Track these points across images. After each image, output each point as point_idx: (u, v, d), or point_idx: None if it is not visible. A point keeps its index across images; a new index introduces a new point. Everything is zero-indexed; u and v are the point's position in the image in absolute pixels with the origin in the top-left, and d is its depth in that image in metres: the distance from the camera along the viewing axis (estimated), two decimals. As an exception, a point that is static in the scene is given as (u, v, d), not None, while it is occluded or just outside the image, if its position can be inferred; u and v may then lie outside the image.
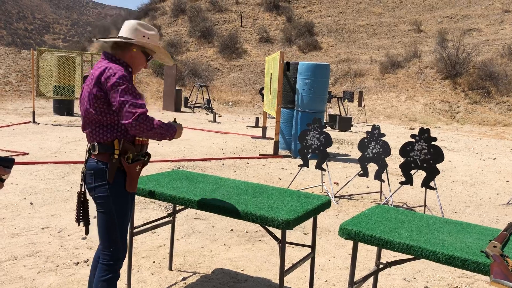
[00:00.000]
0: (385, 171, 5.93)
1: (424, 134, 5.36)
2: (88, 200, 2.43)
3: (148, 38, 2.42)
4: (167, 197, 2.83)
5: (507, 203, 6.33)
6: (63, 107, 14.16)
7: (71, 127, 11.64)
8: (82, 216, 2.43)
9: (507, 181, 7.89)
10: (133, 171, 2.35)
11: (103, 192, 2.30)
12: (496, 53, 21.45)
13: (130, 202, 2.42)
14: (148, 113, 2.42)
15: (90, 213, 2.49)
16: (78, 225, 2.44)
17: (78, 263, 3.59)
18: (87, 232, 2.44)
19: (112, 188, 2.30)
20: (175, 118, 2.58)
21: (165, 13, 37.31)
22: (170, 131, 2.31)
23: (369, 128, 6.09)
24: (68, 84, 13.91)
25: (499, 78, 19.64)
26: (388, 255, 4.02)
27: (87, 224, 2.43)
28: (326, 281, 3.52)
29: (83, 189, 2.40)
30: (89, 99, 2.26)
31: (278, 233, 2.63)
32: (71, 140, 9.46)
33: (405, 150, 5.49)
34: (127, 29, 2.40)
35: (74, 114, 14.47)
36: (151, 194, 2.89)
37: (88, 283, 2.52)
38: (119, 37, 2.40)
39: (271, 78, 10.26)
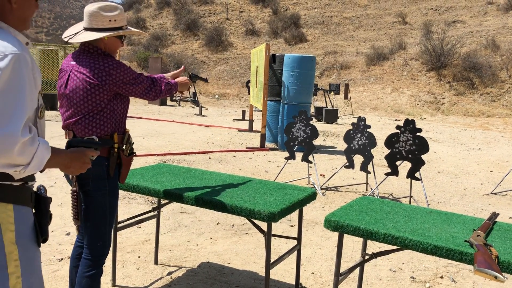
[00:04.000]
0: (371, 163, 5.95)
1: (409, 125, 5.39)
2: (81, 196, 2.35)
3: (115, 20, 2.27)
4: (151, 191, 2.79)
5: (491, 193, 6.41)
6: (46, 102, 13.93)
7: (54, 121, 11.48)
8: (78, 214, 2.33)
9: (491, 171, 7.99)
10: (129, 163, 2.39)
11: (102, 186, 2.27)
12: (480, 45, 21.65)
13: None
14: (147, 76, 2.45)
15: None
16: (79, 222, 2.33)
17: (62, 259, 3.54)
18: (79, 231, 2.37)
19: (110, 182, 2.30)
20: (187, 72, 2.68)
21: (150, 6, 36.93)
22: (175, 86, 2.51)
23: (355, 120, 6.11)
24: (51, 78, 13.69)
25: (483, 69, 19.84)
26: (374, 246, 4.04)
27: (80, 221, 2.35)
28: (312, 273, 3.53)
29: (76, 187, 2.30)
30: (87, 90, 2.19)
31: (264, 226, 2.61)
32: (54, 135, 9.33)
33: (390, 141, 5.51)
34: (90, 17, 2.25)
35: (58, 109, 14.28)
36: (135, 188, 2.85)
37: (69, 281, 2.47)
38: (85, 29, 2.27)
39: (257, 71, 10.22)
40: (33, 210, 1.59)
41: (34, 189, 1.63)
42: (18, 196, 1.50)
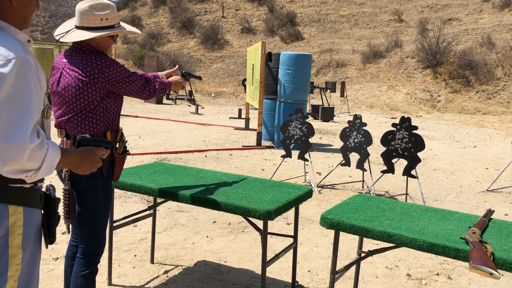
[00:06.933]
0: (367, 160, 5.96)
1: (405, 123, 5.39)
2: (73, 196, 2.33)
3: (107, 19, 2.23)
4: (147, 189, 2.78)
5: (487, 190, 6.43)
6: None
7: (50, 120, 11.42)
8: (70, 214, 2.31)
9: (486, 168, 8.02)
10: (122, 162, 2.38)
11: (95, 185, 2.25)
12: (475, 42, 21.71)
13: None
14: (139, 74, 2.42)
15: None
16: (69, 222, 2.30)
17: (57, 258, 3.53)
18: (69, 231, 2.36)
19: (103, 180, 2.28)
20: (180, 70, 2.69)
21: (146, 4, 36.82)
22: (168, 85, 2.50)
23: (351, 118, 6.11)
24: (46, 77, 13.61)
25: (479, 67, 19.90)
26: (371, 244, 4.04)
27: (71, 222, 2.33)
28: (309, 271, 3.53)
29: (69, 186, 2.28)
30: (79, 88, 2.17)
31: (260, 224, 2.61)
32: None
33: (386, 139, 5.52)
34: (81, 16, 2.21)
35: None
36: (131, 187, 2.84)
37: (64, 280, 2.46)
38: (76, 27, 2.24)
39: (253, 69, 10.21)
40: (42, 211, 1.58)
41: (43, 189, 1.62)
42: (29, 198, 1.49)
